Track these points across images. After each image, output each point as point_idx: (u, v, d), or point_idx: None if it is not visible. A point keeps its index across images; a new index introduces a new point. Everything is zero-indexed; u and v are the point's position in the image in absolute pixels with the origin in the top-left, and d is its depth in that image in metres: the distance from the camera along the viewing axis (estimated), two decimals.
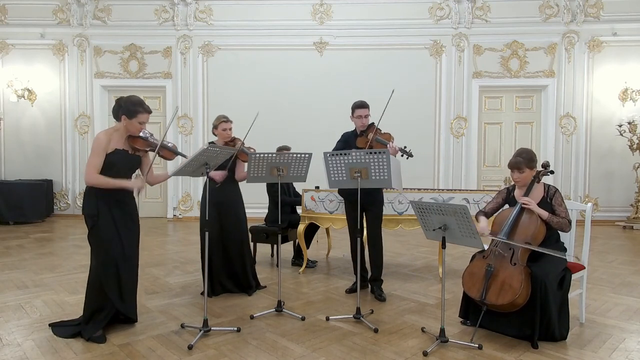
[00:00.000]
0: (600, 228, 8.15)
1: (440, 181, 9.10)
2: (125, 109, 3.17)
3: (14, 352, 2.96)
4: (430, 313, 3.75)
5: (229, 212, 4.22)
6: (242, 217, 4.34)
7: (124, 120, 3.19)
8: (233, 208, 4.27)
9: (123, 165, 3.24)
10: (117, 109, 3.23)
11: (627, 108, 8.71)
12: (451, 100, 9.08)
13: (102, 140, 3.14)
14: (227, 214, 4.20)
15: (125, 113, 3.17)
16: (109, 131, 3.25)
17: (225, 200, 4.20)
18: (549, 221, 3.18)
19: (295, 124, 8.82)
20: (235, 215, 4.27)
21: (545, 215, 3.18)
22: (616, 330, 3.38)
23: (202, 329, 3.22)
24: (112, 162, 3.16)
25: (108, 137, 3.18)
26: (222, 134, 4.22)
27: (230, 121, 4.25)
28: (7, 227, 8.18)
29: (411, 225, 4.77)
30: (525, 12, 8.92)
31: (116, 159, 3.17)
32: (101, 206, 3.15)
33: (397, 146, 3.97)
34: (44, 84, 9.27)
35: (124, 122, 3.19)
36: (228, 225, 4.21)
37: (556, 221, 3.19)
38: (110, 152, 3.16)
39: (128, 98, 3.25)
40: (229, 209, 4.23)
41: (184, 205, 9.36)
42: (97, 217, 3.15)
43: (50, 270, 5.08)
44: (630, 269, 5.31)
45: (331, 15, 9.13)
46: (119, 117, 3.21)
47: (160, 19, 9.25)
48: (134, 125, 3.19)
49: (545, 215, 3.18)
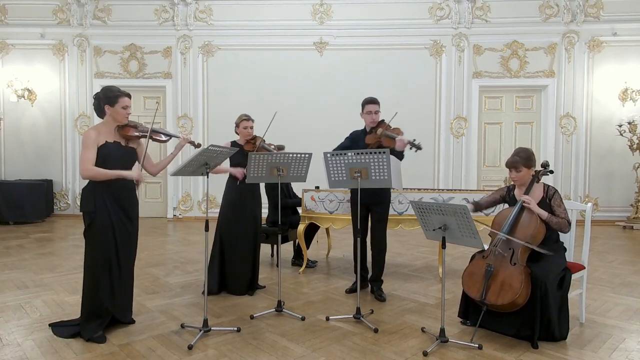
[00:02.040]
0: (600, 228, 8.15)
1: (440, 181, 9.10)
2: (105, 99, 3.19)
3: (14, 352, 2.96)
4: (430, 313, 3.75)
5: (246, 212, 4.25)
6: (258, 217, 4.37)
7: (108, 109, 3.19)
8: (251, 207, 4.29)
9: (118, 158, 3.21)
10: (98, 104, 3.24)
11: (627, 108, 8.71)
12: (451, 100, 9.08)
13: (90, 133, 3.14)
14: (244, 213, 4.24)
15: (107, 102, 3.18)
16: (97, 126, 3.26)
17: (244, 199, 4.25)
18: (548, 221, 3.18)
19: (295, 124, 8.81)
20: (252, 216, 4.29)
21: (544, 215, 3.18)
22: (616, 330, 3.38)
23: (202, 329, 3.22)
24: (105, 155, 3.14)
25: (96, 131, 3.18)
26: (244, 132, 4.29)
27: (251, 120, 4.32)
28: (7, 227, 8.18)
29: (411, 225, 4.77)
30: (525, 12, 8.92)
31: (108, 152, 3.16)
32: (99, 203, 3.14)
33: (406, 139, 3.88)
34: (44, 84, 9.27)
35: (108, 111, 3.20)
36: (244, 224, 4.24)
37: (555, 221, 3.19)
38: (102, 145, 3.14)
39: (103, 89, 3.27)
40: (247, 208, 4.26)
41: (184, 205, 9.35)
42: (95, 214, 3.13)
43: (50, 270, 5.08)
44: (630, 269, 5.31)
45: (331, 15, 9.13)
46: (102, 110, 3.22)
47: (160, 19, 9.25)
48: (118, 112, 3.19)
49: (544, 215, 3.18)
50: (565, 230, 3.22)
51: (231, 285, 4.24)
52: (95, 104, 3.28)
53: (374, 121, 4.11)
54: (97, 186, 3.15)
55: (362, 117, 4.21)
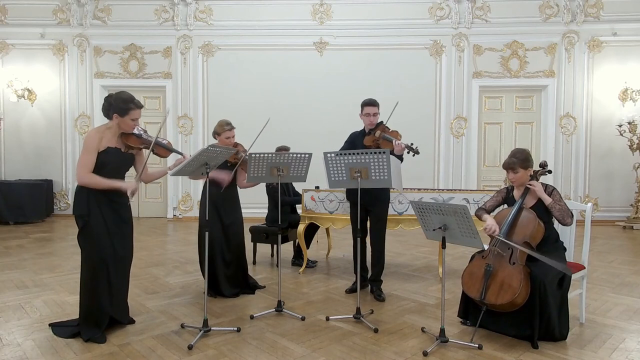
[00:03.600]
0: (600, 228, 8.15)
1: (440, 181, 9.10)
2: (116, 107, 3.11)
3: (14, 352, 2.96)
4: (430, 313, 3.75)
5: (228, 214, 4.22)
6: (241, 219, 4.35)
7: (116, 118, 3.13)
8: (233, 210, 4.27)
9: (116, 164, 3.18)
10: (108, 107, 3.15)
11: (627, 108, 8.71)
12: (451, 100, 9.08)
13: (93, 138, 3.08)
14: (227, 215, 4.20)
15: (117, 111, 3.11)
16: (100, 129, 3.18)
17: (225, 203, 4.19)
18: (551, 208, 3.19)
19: (295, 124, 8.81)
20: (235, 217, 4.27)
21: (547, 200, 3.21)
22: (616, 330, 3.38)
23: (202, 329, 3.22)
24: (105, 161, 3.11)
25: (100, 135, 3.12)
26: (225, 142, 4.11)
27: (233, 128, 4.15)
28: (7, 227, 8.18)
29: (411, 225, 4.76)
30: (525, 12, 8.92)
31: (109, 158, 3.12)
32: (92, 206, 3.10)
33: (403, 143, 3.93)
34: (44, 84, 9.26)
35: (116, 120, 3.13)
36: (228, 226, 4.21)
37: (558, 207, 3.19)
38: (103, 151, 3.10)
39: (118, 95, 3.17)
40: (228, 210, 4.23)
41: (184, 205, 9.36)
42: (88, 216, 3.09)
43: (50, 270, 5.08)
44: (630, 269, 5.31)
45: (331, 15, 9.13)
46: (110, 115, 3.15)
47: (160, 19, 9.24)
48: (126, 123, 3.14)
49: (547, 200, 3.21)
50: (568, 220, 3.20)
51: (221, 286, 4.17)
52: (104, 106, 3.18)
53: (372, 123, 4.13)
54: (87, 189, 3.11)
55: (361, 118, 4.23)
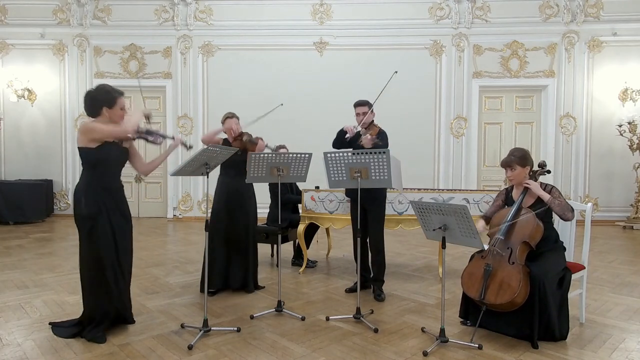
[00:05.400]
0: (600, 228, 8.15)
1: (440, 181, 9.10)
2: (103, 100, 3.11)
3: (14, 352, 2.96)
4: (430, 313, 3.75)
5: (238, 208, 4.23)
6: (251, 213, 4.34)
7: (106, 111, 3.13)
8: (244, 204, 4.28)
9: (115, 158, 3.19)
10: (93, 104, 3.14)
11: (627, 108, 8.70)
12: (451, 100, 9.07)
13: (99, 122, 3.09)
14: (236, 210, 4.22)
15: (106, 104, 3.11)
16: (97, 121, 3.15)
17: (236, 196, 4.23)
18: (551, 204, 3.18)
19: (295, 124, 8.80)
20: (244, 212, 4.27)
21: (546, 197, 3.19)
22: (616, 330, 3.38)
23: (202, 329, 3.22)
24: (104, 157, 3.10)
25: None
26: (229, 131, 4.29)
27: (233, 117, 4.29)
28: (7, 227, 8.18)
29: (411, 225, 4.77)
30: (525, 12, 8.91)
31: (108, 153, 3.11)
32: (101, 204, 3.11)
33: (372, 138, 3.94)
34: (44, 84, 9.26)
35: (107, 113, 3.13)
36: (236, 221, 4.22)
37: (557, 203, 3.18)
38: (101, 145, 3.09)
39: (99, 88, 3.17)
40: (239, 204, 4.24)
41: (184, 205, 9.35)
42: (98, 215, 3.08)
43: (50, 270, 5.08)
44: (630, 269, 5.31)
45: (331, 15, 9.13)
46: (98, 111, 3.13)
47: (160, 19, 9.24)
48: (116, 114, 3.15)
49: (546, 197, 3.19)
50: (568, 214, 3.20)
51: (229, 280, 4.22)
52: (88, 105, 3.16)
53: (364, 123, 4.14)
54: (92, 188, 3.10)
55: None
